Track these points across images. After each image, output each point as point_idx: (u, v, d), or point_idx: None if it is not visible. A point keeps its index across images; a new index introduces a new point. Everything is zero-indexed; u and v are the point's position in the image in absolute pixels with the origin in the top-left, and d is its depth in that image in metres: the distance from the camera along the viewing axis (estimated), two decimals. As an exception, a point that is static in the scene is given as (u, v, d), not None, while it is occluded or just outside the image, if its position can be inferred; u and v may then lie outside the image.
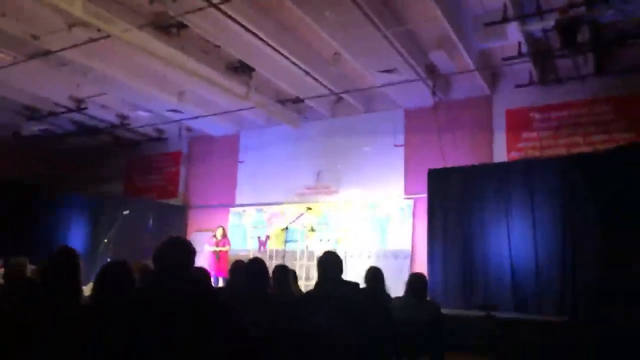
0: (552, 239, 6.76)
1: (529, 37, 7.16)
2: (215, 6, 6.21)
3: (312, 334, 2.84)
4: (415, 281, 4.42)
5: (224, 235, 9.80)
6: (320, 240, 10.05)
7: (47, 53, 7.67)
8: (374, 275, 4.27)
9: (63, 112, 10.37)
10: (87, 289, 2.75)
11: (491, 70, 8.68)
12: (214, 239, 9.67)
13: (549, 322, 5.86)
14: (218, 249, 9.55)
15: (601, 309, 5.72)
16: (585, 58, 7.56)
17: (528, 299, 6.76)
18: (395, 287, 5.02)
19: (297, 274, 5.67)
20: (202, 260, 9.38)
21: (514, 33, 6.89)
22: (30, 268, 4.01)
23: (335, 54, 7.71)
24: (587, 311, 5.98)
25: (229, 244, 9.80)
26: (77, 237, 10.82)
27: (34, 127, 11.30)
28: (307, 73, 8.33)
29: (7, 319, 2.40)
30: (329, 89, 9.04)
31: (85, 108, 10.15)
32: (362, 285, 3.91)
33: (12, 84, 9.04)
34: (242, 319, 2.44)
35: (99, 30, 6.70)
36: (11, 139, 11.63)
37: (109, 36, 6.86)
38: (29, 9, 6.51)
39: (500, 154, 8.67)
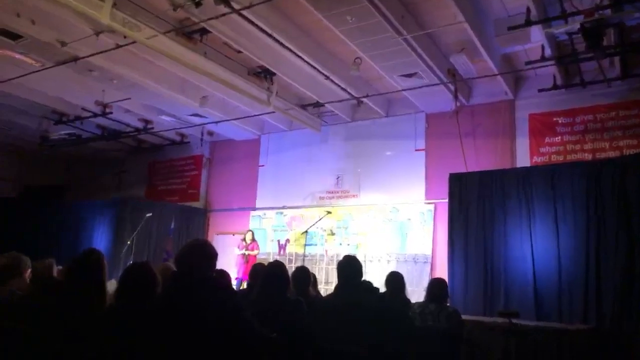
0: (576, 245, 6.62)
1: (553, 40, 7.06)
2: (238, 12, 6.29)
3: (326, 339, 2.85)
4: (436, 286, 4.39)
5: (253, 239, 9.93)
6: (340, 244, 10.05)
7: (74, 59, 7.87)
8: (395, 280, 4.25)
9: (89, 117, 10.61)
10: (109, 285, 2.82)
11: (514, 74, 8.58)
12: (244, 243, 9.83)
13: (572, 330, 5.75)
14: (247, 252, 9.68)
15: (626, 317, 5.59)
16: (612, 61, 7.42)
17: (550, 306, 6.62)
18: (415, 292, 5.00)
19: (317, 277, 5.68)
20: (231, 263, 9.50)
21: (537, 36, 6.81)
22: (56, 269, 4.10)
23: (357, 58, 7.72)
24: (611, 320, 5.84)
25: (258, 248, 9.93)
26: (101, 239, 11.04)
27: (61, 132, 11.59)
28: (328, 77, 8.36)
29: (32, 318, 2.47)
30: (350, 93, 9.05)
31: (110, 113, 10.36)
32: (382, 289, 3.90)
33: (41, 89, 9.28)
34: (257, 323, 2.46)
35: (125, 36, 6.85)
36: (39, 144, 11.95)
37: (134, 42, 7.00)
38: (57, 16, 6.69)
39: (523, 159, 8.55)
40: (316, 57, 7.82)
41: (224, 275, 3.69)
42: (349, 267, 3.18)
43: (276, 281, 3.16)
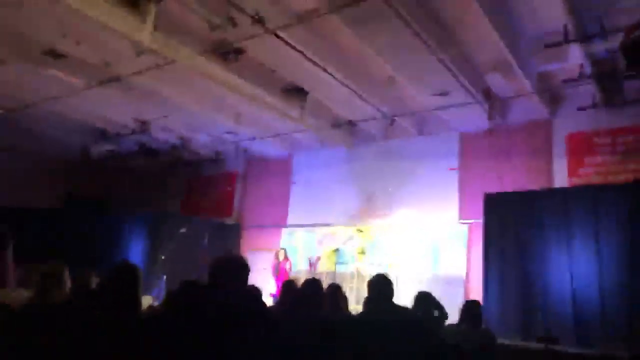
0: (618, 268, 6.37)
1: (592, 57, 6.91)
2: (272, 32, 6.43)
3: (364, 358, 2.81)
4: (470, 308, 4.30)
5: (286, 257, 9.96)
6: (371, 263, 9.95)
7: (116, 78, 8.18)
8: (422, 299, 4.17)
9: (129, 134, 10.96)
10: (143, 300, 2.86)
11: (551, 93, 8.40)
12: (277, 260, 9.87)
13: (615, 357, 5.50)
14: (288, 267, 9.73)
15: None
16: (654, 80, 7.20)
17: (591, 332, 6.37)
18: (448, 314, 4.89)
19: (347, 296, 5.63)
20: (264, 279, 9.48)
21: (575, 54, 6.68)
22: (95, 281, 4.20)
23: (389, 77, 7.74)
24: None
25: (291, 266, 9.93)
26: (136, 253, 11.27)
27: (102, 148, 11.99)
28: (361, 96, 8.40)
29: (71, 329, 2.53)
30: (383, 112, 9.06)
31: (148, 130, 10.68)
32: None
33: (83, 107, 9.67)
34: (289, 338, 2.45)
35: (164, 57, 7.09)
36: (81, 159, 12.39)
37: (173, 62, 7.23)
38: (101, 38, 6.99)
39: (561, 180, 8.33)
40: (349, 76, 7.88)
41: (255, 290, 3.70)
42: (380, 285, 3.15)
43: (313, 299, 3.14)
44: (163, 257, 9.51)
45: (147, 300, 6.75)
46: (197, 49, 6.96)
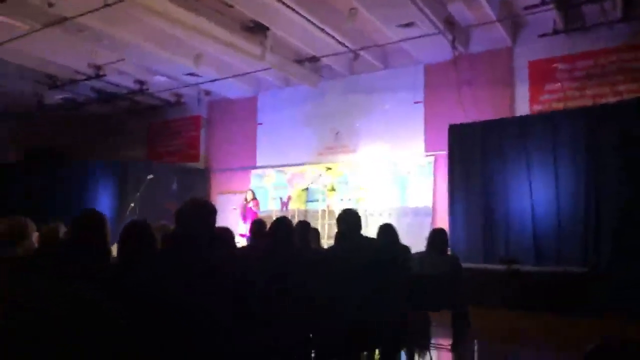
0: (575, 191, 6.68)
1: (553, -18, 6.86)
2: (227, -36, 6.10)
3: (333, 288, 2.92)
4: (436, 236, 4.46)
5: (254, 198, 9.96)
6: (341, 199, 10.12)
7: (63, 20, 7.68)
8: (389, 230, 4.26)
9: (83, 80, 10.46)
10: (114, 250, 2.86)
11: (512, 20, 8.37)
12: (244, 202, 9.87)
13: (571, 274, 5.87)
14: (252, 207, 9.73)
15: (624, 260, 5.69)
16: (613, 3, 7.23)
17: (550, 251, 6.76)
18: (416, 244, 5.07)
19: (319, 232, 5.75)
20: (234, 222, 9.51)
21: (537, -21, 6.62)
22: (63, 230, 4.13)
23: (352, 9, 7.53)
24: (610, 262, 5.96)
25: (258, 206, 9.94)
26: (104, 203, 11.10)
27: (57, 96, 11.45)
28: (323, 30, 8.17)
29: (44, 280, 2.51)
30: (346, 46, 8.88)
31: (104, 75, 10.20)
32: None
33: (31, 53, 9.11)
34: (261, 280, 2.50)
35: (112, -6, 6.67)
36: (35, 108, 11.83)
37: (123, 0, 6.82)
38: (42, -25, 6.50)
39: (523, 107, 8.48)
40: (311, 9, 7.62)
41: (227, 232, 3.73)
42: (348, 219, 3.21)
43: (285, 236, 3.19)
44: (132, 205, 9.40)
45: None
46: (147, -15, 6.56)
